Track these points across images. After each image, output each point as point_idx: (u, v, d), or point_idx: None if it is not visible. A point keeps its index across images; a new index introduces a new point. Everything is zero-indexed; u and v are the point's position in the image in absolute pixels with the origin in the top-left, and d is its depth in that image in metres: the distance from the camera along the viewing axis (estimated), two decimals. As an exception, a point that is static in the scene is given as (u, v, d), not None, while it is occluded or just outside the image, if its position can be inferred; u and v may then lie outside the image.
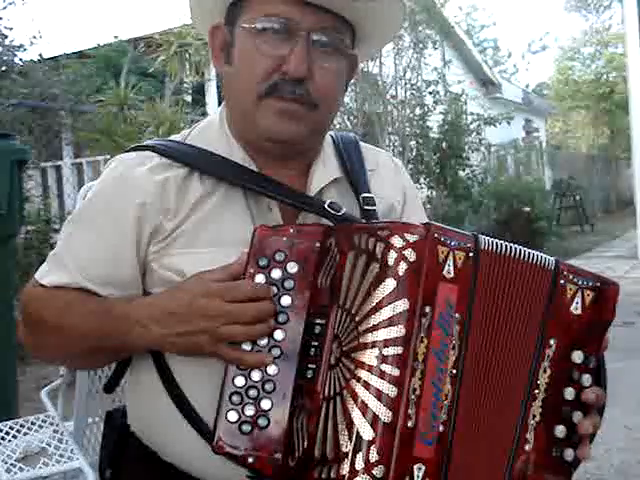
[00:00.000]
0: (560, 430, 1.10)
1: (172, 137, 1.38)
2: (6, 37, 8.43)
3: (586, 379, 1.11)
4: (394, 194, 1.43)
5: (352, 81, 1.31)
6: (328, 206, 1.25)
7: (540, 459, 1.09)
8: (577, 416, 1.11)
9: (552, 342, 1.10)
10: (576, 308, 1.11)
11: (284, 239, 1.15)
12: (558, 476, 1.10)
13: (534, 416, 1.09)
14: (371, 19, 1.29)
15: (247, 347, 1.12)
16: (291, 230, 1.16)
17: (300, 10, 1.21)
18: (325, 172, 1.34)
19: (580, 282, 1.12)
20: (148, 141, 1.34)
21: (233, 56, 1.28)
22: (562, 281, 1.11)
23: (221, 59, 1.32)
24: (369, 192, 1.36)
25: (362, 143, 1.48)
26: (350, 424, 1.00)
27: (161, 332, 1.14)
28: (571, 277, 1.11)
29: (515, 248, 1.09)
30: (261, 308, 1.11)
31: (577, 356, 1.11)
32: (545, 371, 1.09)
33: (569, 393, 1.10)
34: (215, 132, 1.34)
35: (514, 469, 1.07)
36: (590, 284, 1.12)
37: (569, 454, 1.10)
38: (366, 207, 1.33)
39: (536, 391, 1.09)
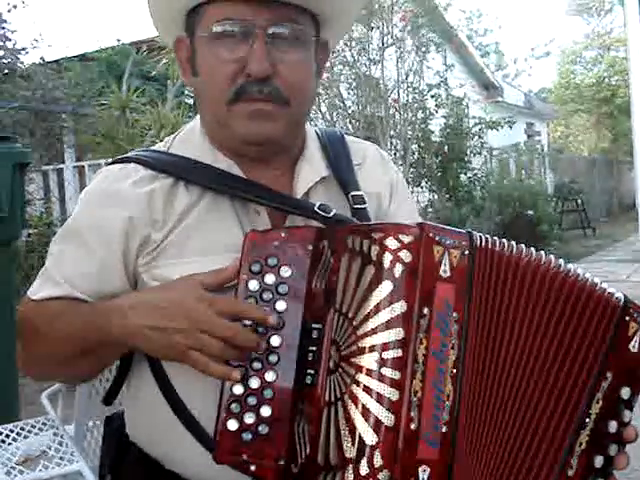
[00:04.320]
0: (599, 460, 1.11)
1: (155, 146, 1.37)
2: (9, 40, 8.46)
3: (627, 415, 1.13)
4: (382, 187, 1.41)
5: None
6: (318, 208, 1.24)
7: None
8: (613, 449, 1.12)
9: (609, 375, 1.11)
10: (634, 346, 1.12)
11: (276, 243, 1.13)
12: None
13: (581, 443, 1.10)
14: (328, 2, 1.27)
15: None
16: (282, 234, 1.15)
17: (252, 9, 1.19)
18: (311, 171, 1.32)
19: None
20: (132, 153, 1.33)
21: (197, 67, 1.26)
22: (627, 317, 1.12)
23: (188, 72, 1.30)
24: (358, 190, 1.34)
25: (348, 137, 1.45)
26: (353, 429, 0.99)
27: (138, 322, 1.11)
28: (635, 315, 1.13)
29: (511, 244, 1.09)
30: (239, 334, 1.08)
31: (625, 392, 1.12)
32: (598, 402, 1.10)
33: (612, 426, 1.11)
34: (197, 140, 1.32)
35: None
36: None
37: None
38: (356, 206, 1.31)
39: (587, 420, 1.10)
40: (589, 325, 1.10)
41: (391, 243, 1.01)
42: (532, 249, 1.11)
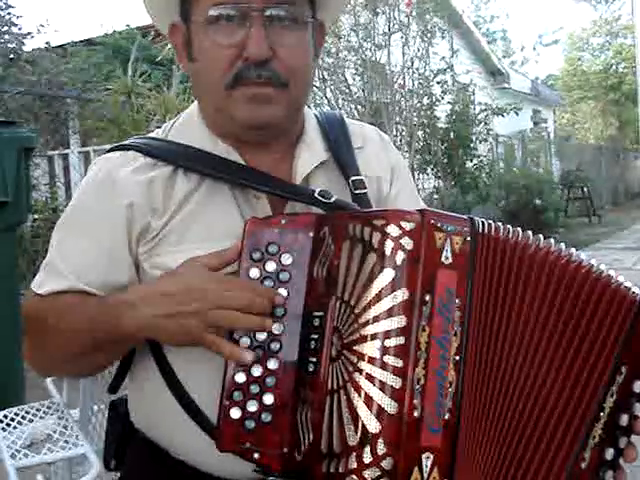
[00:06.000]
0: (610, 453, 1.10)
1: (152, 133, 1.36)
2: (15, 25, 8.43)
3: (638, 408, 1.12)
4: (382, 171, 1.40)
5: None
6: (318, 194, 1.23)
7: (588, 478, 1.10)
8: (623, 442, 1.12)
9: (623, 369, 1.10)
10: None
11: (276, 230, 1.13)
12: None
13: (594, 437, 1.09)
14: None
15: (246, 340, 1.10)
16: (283, 221, 1.14)
17: None
18: (311, 156, 1.31)
19: None
20: (131, 140, 1.32)
21: (194, 52, 1.25)
22: None
23: (184, 57, 1.28)
24: (358, 174, 1.33)
25: (347, 120, 1.44)
26: (355, 417, 0.99)
27: (151, 312, 1.11)
28: None
29: (515, 230, 1.08)
30: (256, 300, 1.08)
31: (638, 386, 1.12)
32: (612, 396, 1.10)
33: (624, 419, 1.11)
34: (196, 126, 1.31)
35: None
36: None
37: (610, 476, 1.11)
38: (356, 191, 1.30)
39: (601, 413, 1.09)
40: (604, 319, 1.08)
41: (392, 230, 1.00)
42: (540, 236, 1.10)
